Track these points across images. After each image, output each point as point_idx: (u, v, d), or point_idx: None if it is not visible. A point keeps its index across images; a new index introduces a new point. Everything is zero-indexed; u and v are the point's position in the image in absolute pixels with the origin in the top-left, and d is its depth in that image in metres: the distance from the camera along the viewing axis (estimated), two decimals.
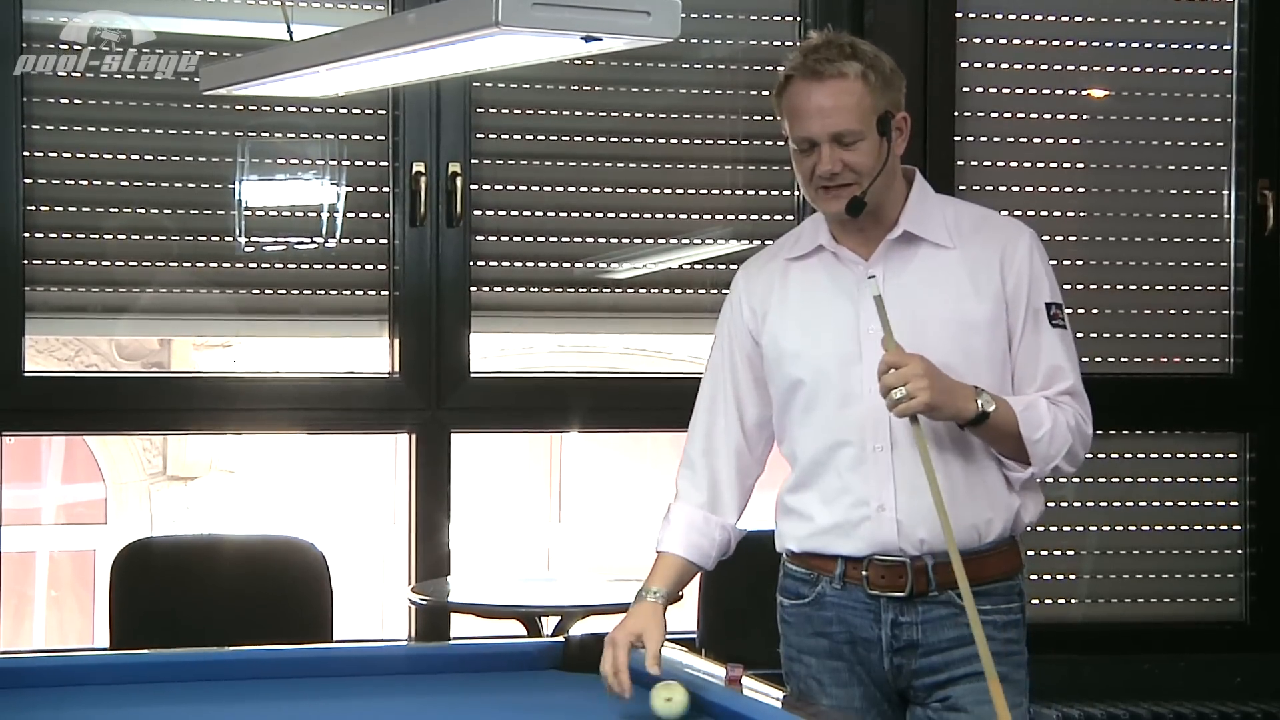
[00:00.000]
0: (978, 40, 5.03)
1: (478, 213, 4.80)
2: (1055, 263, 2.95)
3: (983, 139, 5.04)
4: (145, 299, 4.68)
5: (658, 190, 4.93)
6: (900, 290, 2.91)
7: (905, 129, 2.98)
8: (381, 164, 4.77)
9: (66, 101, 4.63)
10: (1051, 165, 5.09)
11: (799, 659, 3.08)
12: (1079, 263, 5.07)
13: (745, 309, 3.10)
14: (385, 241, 4.77)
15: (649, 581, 3.03)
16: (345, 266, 4.76)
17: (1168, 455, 5.16)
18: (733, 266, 4.89)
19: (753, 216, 4.96)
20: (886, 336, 2.80)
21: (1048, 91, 5.08)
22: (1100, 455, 5.13)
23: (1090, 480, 5.09)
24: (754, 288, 3.11)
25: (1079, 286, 5.05)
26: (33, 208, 4.59)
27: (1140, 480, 5.14)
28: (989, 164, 5.04)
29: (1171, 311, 5.15)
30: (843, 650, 3.03)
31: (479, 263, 4.81)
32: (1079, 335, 5.00)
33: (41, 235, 4.61)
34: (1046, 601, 5.09)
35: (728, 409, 3.11)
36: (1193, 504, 5.18)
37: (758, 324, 3.08)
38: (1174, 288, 5.15)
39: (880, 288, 2.80)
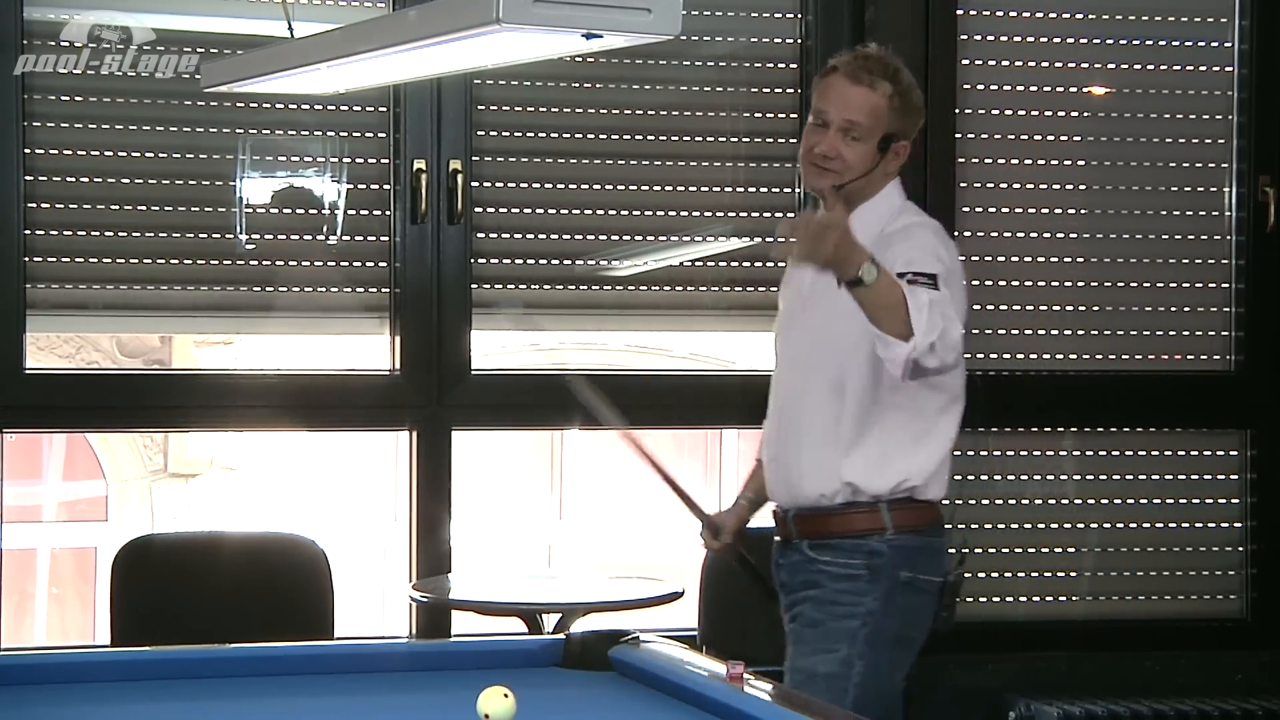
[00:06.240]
0: (978, 37, 5.02)
1: (479, 210, 4.80)
2: (1056, 260, 2.95)
3: (983, 136, 5.03)
4: (146, 296, 4.68)
5: (658, 187, 4.92)
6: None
7: (902, 155, 3.35)
8: (382, 161, 4.77)
9: (67, 99, 4.62)
10: (1052, 163, 5.08)
11: None
12: (1080, 260, 5.06)
13: None
14: (386, 238, 4.77)
15: (741, 491, 3.58)
16: (346, 264, 4.76)
17: (1168, 452, 5.15)
18: (734, 264, 4.95)
19: (754, 214, 4.96)
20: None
21: (1048, 89, 5.07)
22: (1101, 452, 5.13)
23: (1091, 477, 5.09)
24: None
25: (1079, 283, 5.05)
26: (34, 205, 4.59)
27: (1141, 477, 5.13)
28: (989, 161, 5.04)
29: (1172, 308, 5.14)
30: None
31: (480, 260, 4.80)
32: (1079, 331, 5.06)
33: (42, 232, 4.61)
34: (1048, 598, 5.09)
35: None
36: (1193, 501, 5.17)
37: None
38: (1175, 285, 5.14)
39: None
